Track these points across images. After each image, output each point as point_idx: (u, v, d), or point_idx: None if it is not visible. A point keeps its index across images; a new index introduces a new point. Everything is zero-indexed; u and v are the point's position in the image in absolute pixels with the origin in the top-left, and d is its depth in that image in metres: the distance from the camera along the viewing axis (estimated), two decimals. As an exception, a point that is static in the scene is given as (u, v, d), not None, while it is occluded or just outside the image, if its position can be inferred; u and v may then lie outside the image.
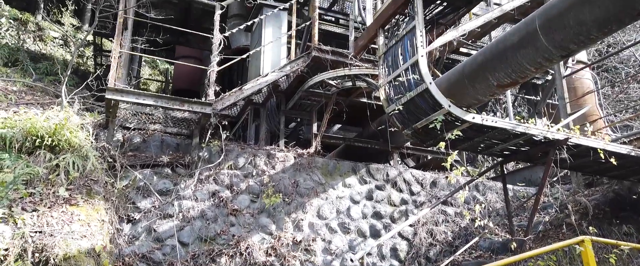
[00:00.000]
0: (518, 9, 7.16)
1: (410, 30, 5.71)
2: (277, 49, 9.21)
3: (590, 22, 4.03)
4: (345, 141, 9.27)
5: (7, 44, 10.08)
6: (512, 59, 4.97)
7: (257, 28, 9.70)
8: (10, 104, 6.77)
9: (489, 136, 5.65)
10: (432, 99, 5.31)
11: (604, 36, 4.17)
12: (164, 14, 9.84)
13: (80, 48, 11.09)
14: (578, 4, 4.12)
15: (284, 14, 9.40)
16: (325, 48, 7.91)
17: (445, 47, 7.90)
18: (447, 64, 9.25)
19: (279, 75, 7.99)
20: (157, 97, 6.84)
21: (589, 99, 6.99)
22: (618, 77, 12.18)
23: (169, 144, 7.49)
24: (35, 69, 9.51)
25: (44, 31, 12.47)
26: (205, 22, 12.07)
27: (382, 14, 6.48)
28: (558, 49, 4.44)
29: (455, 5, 5.90)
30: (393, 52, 6.14)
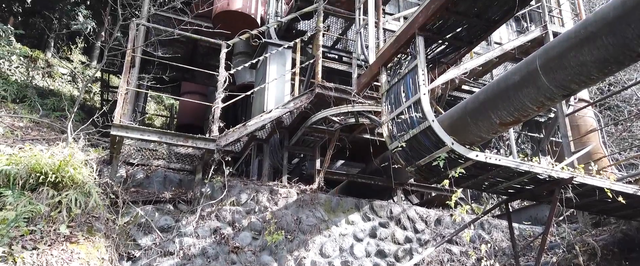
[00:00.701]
0: (518, 48, 7.31)
1: (413, 68, 5.79)
2: (281, 86, 9.33)
3: (590, 63, 4.09)
4: (348, 177, 9.23)
5: (17, 80, 10.28)
6: (514, 97, 5.01)
7: (262, 65, 9.87)
8: (17, 141, 6.83)
9: (493, 174, 5.62)
10: (435, 136, 5.32)
11: (604, 77, 4.21)
12: (171, 51, 10.06)
13: (88, 84, 11.27)
14: (577, 45, 4.19)
15: (288, 51, 9.58)
16: (329, 85, 8.01)
17: (447, 85, 7.99)
18: (449, 101, 9.32)
19: (283, 111, 8.06)
20: (161, 133, 6.89)
21: (593, 137, 6.98)
22: (620, 115, 12.22)
23: (172, 180, 7.48)
24: (42, 105, 9.65)
25: (52, 68, 12.73)
26: (211, 59, 12.31)
27: (385, 53, 6.60)
28: (559, 89, 4.48)
29: (456, 45, 6.00)
30: (395, 89, 6.21)
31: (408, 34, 5.95)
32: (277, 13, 10.53)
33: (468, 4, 5.25)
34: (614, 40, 3.83)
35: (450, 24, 5.73)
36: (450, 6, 5.33)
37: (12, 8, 13.56)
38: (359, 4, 8.13)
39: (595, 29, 3.99)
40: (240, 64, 10.20)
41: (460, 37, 5.90)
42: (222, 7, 10.17)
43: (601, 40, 3.94)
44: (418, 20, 5.75)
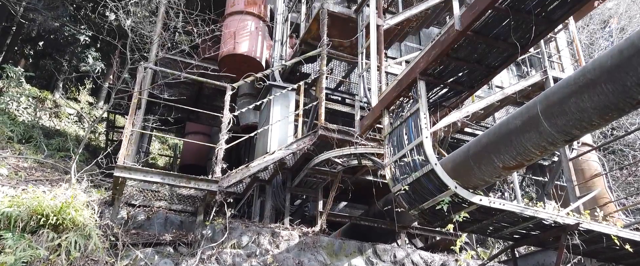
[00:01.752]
0: (519, 92, 7.39)
1: (415, 112, 5.85)
2: (284, 127, 9.40)
3: (590, 109, 4.13)
4: (351, 219, 9.12)
5: (24, 121, 10.42)
6: (516, 142, 5.02)
7: (266, 107, 9.99)
8: (20, 182, 6.84)
9: (497, 219, 5.55)
10: (438, 179, 5.29)
11: (606, 123, 4.24)
12: (177, 93, 10.22)
13: (94, 126, 11.40)
14: (578, 92, 4.24)
15: (292, 93, 9.71)
16: (332, 127, 8.06)
17: (449, 128, 8.02)
18: (452, 143, 9.33)
19: (286, 153, 8.08)
20: (164, 174, 6.89)
21: (598, 181, 6.93)
22: (625, 159, 12.18)
23: (173, 221, 7.40)
24: (47, 145, 9.73)
25: (60, 108, 12.93)
26: (216, 100, 12.48)
27: (387, 96, 6.69)
28: (561, 134, 4.49)
29: (457, 89, 6.09)
30: (398, 132, 6.24)
31: (410, 78, 6.05)
32: (281, 56, 10.76)
33: (468, 51, 5.36)
34: (614, 88, 3.88)
35: (451, 69, 5.83)
36: (450, 52, 5.44)
37: (24, 51, 13.95)
38: (362, 48, 8.31)
39: (595, 76, 4.05)
40: (244, 106, 10.32)
41: (461, 81, 5.99)
42: (229, 50, 10.41)
43: (601, 87, 3.99)
44: (419, 65, 5.86)
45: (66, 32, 13.02)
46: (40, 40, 14.16)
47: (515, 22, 4.81)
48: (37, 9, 11.37)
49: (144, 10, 11.39)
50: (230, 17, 10.97)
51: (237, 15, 10.93)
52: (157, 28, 9.56)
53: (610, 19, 14.82)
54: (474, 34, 5.10)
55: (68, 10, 12.46)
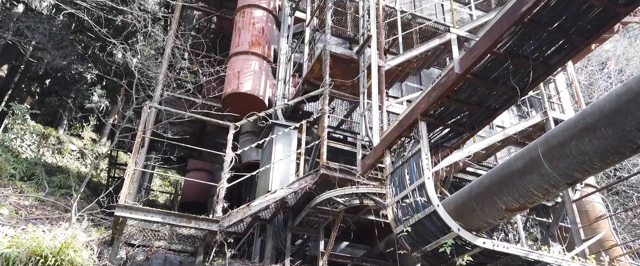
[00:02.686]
0: (520, 133, 7.44)
1: (416, 152, 5.87)
2: (286, 165, 9.40)
3: (591, 152, 4.14)
4: (353, 260, 8.96)
5: (27, 158, 10.47)
6: (518, 184, 5.00)
7: (268, 145, 10.02)
8: (20, 221, 6.81)
9: (502, 262, 5.45)
10: (440, 221, 5.25)
11: (607, 166, 4.25)
12: (180, 130, 10.29)
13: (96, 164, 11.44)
14: (578, 135, 4.27)
15: (294, 132, 9.77)
16: (333, 166, 8.06)
17: (451, 168, 8.02)
18: (454, 183, 9.28)
19: (287, 192, 8.05)
20: (165, 214, 6.85)
21: (603, 224, 6.85)
22: (629, 200, 12.07)
23: (172, 262, 7.29)
24: (49, 182, 9.73)
25: (63, 144, 13.01)
26: (219, 137, 12.55)
27: (388, 136, 6.73)
28: (563, 177, 4.49)
29: (458, 130, 6.13)
30: (400, 172, 6.24)
31: (411, 119, 6.12)
32: (284, 95, 10.90)
33: (468, 93, 5.44)
34: (613, 132, 3.91)
35: (451, 111, 5.90)
36: (450, 94, 5.52)
37: (31, 88, 14.18)
38: (363, 88, 8.43)
39: (594, 120, 4.10)
40: (247, 143, 10.36)
41: (462, 123, 6.05)
42: (233, 89, 10.56)
43: (600, 131, 4.03)
44: (420, 106, 5.94)
45: (73, 70, 13.31)
46: (47, 78, 14.45)
47: (513, 66, 4.91)
48: (46, 48, 11.69)
49: (150, 49, 11.67)
50: (235, 57, 11.20)
51: (241, 56, 11.16)
52: (163, 68, 9.75)
53: (608, 61, 15.08)
54: (474, 77, 5.19)
55: (76, 50, 12.78)
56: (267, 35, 11.76)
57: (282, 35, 11.52)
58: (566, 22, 4.28)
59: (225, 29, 13.73)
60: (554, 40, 4.50)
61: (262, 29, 11.71)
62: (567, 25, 4.30)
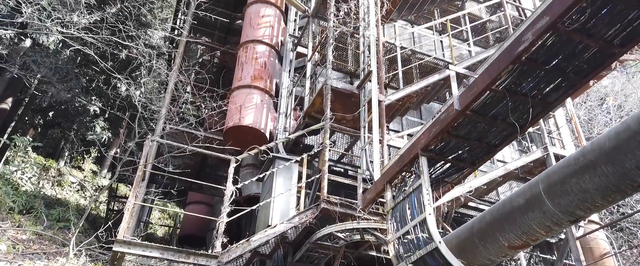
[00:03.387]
0: (522, 168, 7.43)
1: (417, 187, 5.85)
2: (286, 199, 9.35)
3: (592, 190, 4.13)
4: (354, 297, 8.75)
5: (26, 191, 10.44)
6: (520, 220, 4.97)
7: (269, 178, 10.00)
8: (17, 256, 6.72)
9: (506, 301, 5.34)
10: (442, 258, 5.18)
11: (609, 204, 4.23)
12: (181, 163, 10.31)
13: (96, 198, 11.40)
14: (578, 172, 4.28)
15: (295, 165, 9.77)
16: (334, 200, 8.01)
17: (453, 203, 7.98)
18: (456, 217, 9.21)
19: (288, 226, 7.98)
20: (163, 249, 6.77)
21: (608, 261, 6.74)
22: (633, 237, 11.92)
23: (170, 298, 7.15)
24: (48, 215, 9.66)
25: (63, 176, 12.98)
26: (219, 170, 12.54)
27: (389, 171, 6.72)
28: (565, 214, 4.46)
29: (459, 166, 6.13)
30: (401, 207, 6.20)
31: (411, 154, 6.12)
32: (285, 128, 10.97)
33: (468, 129, 5.48)
34: (614, 170, 3.92)
35: (452, 146, 5.92)
36: (450, 130, 5.56)
37: (34, 120, 14.30)
38: (364, 122, 8.49)
39: (594, 157, 4.11)
40: (247, 176, 10.35)
41: (462, 158, 6.05)
42: (235, 122, 10.64)
43: (601, 168, 4.03)
44: (421, 142, 5.96)
45: (77, 103, 13.47)
46: (50, 111, 14.60)
47: (512, 103, 4.96)
48: (51, 81, 11.88)
49: (154, 82, 11.83)
50: (237, 91, 11.34)
51: (243, 89, 11.30)
52: (166, 101, 9.86)
53: (606, 97, 15.23)
54: (473, 114, 5.24)
55: (81, 83, 12.98)
56: (269, 69, 11.94)
57: (284, 70, 11.70)
58: (563, 62, 4.36)
59: (228, 63, 13.97)
60: (552, 79, 4.58)
61: (265, 64, 11.90)
62: (564, 64, 4.38)
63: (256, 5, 12.78)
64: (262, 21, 12.56)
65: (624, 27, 3.85)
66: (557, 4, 3.94)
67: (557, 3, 3.97)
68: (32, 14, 8.19)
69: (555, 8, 3.99)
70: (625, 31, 3.88)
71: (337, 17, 9.86)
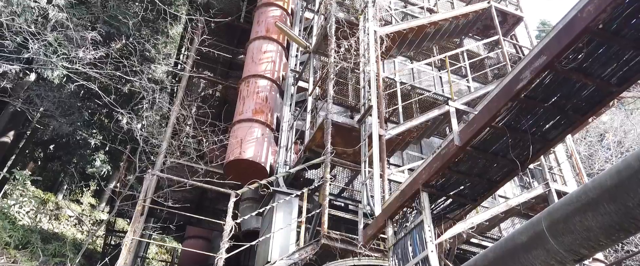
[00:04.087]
0: (523, 204, 7.39)
1: (419, 224, 5.80)
2: (286, 234, 9.24)
3: (596, 228, 4.09)
4: None
5: (23, 225, 10.33)
6: (523, 259, 4.89)
7: (269, 213, 9.91)
8: (10, 294, 6.57)
9: None
10: (446, 298, 5.07)
11: (613, 243, 4.17)
12: (180, 197, 10.24)
13: (94, 230, 11.27)
14: (581, 210, 4.24)
15: (296, 200, 9.70)
16: (335, 236, 7.92)
17: (455, 239, 7.88)
18: (458, 254, 9.07)
19: (287, 263, 7.85)
20: (160, 286, 6.63)
21: (614, 301, 6.59)
22: (641, 276, 11.71)
23: None
24: (44, 250, 9.52)
25: (61, 210, 12.87)
26: (219, 204, 12.45)
27: (390, 206, 6.67)
28: (569, 253, 4.39)
29: (460, 202, 6.10)
30: (402, 243, 6.13)
31: (413, 189, 6.10)
32: (286, 162, 10.95)
33: (469, 165, 5.48)
34: (616, 208, 3.88)
35: (453, 182, 5.90)
36: (451, 166, 5.56)
37: (35, 154, 14.31)
38: (365, 157, 8.49)
39: (596, 195, 4.08)
40: (247, 210, 10.25)
41: (464, 194, 6.02)
42: (235, 156, 10.64)
43: (603, 207, 4.00)
44: (422, 177, 5.95)
45: (78, 136, 13.52)
46: (51, 144, 14.65)
47: (512, 140, 4.98)
48: (53, 115, 11.98)
49: (155, 115, 11.92)
50: (239, 124, 11.41)
51: (245, 123, 11.37)
52: (167, 135, 9.90)
53: (606, 133, 15.31)
54: (474, 150, 5.25)
55: (83, 116, 13.09)
56: (270, 103, 12.06)
57: (285, 104, 11.81)
58: (561, 100, 4.41)
59: (230, 97, 14.11)
60: (551, 116, 4.62)
61: (266, 98, 12.03)
62: (563, 102, 4.43)
63: (258, 41, 13.04)
64: (264, 56, 12.79)
65: (620, 67, 3.92)
66: (554, 44, 4.03)
67: (553, 43, 4.05)
68: (38, 49, 8.37)
69: (551, 48, 4.08)
70: (621, 71, 3.95)
71: (337, 53, 10.04)
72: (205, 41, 12.18)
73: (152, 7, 11.17)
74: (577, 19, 3.79)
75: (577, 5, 3.90)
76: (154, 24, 13.79)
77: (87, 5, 10.97)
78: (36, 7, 8.76)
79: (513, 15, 12.34)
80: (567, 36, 3.87)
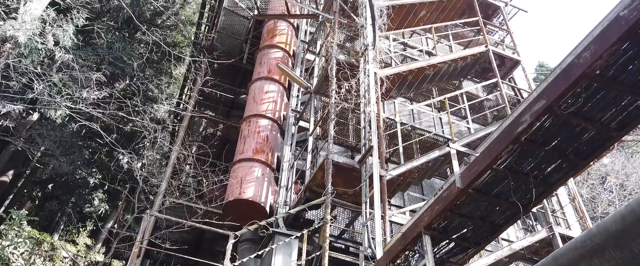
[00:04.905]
0: (528, 248, 7.25)
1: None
2: (286, 277, 9.02)
3: (603, 275, 3.99)
4: None
5: (16, 268, 10.10)
6: (530, 306, 4.76)
7: (268, 255, 9.70)
8: None
9: None
10: None
11: (621, 291, 4.05)
12: (179, 239, 10.08)
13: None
14: (586, 256, 4.15)
15: (296, 241, 9.53)
16: (335, 280, 7.72)
17: (458, 284, 7.67)
18: (463, 299, 8.81)
19: (287, 309, 7.61)
20: None
21: None
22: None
23: None
24: (36, 293, 9.25)
25: (56, 250, 12.63)
26: (217, 245, 12.22)
27: (392, 249, 6.55)
28: (577, 301, 4.27)
29: (463, 245, 6.00)
30: (405, 289, 5.97)
31: (414, 232, 6.01)
32: (286, 202, 10.84)
33: (471, 208, 5.43)
34: (622, 255, 3.80)
35: (455, 225, 5.82)
36: (453, 208, 5.50)
37: (33, 193, 14.20)
38: (365, 198, 8.41)
39: (601, 241, 4.01)
40: (246, 252, 10.04)
41: (466, 237, 5.93)
42: (235, 196, 10.54)
43: (609, 252, 3.92)
44: (423, 219, 5.87)
45: (77, 175, 13.46)
46: (50, 183, 14.57)
47: (514, 183, 4.96)
48: (54, 154, 11.98)
49: (156, 154, 11.91)
50: (239, 164, 11.37)
51: (245, 163, 11.34)
52: (167, 174, 9.86)
53: (608, 176, 15.26)
54: (475, 192, 5.21)
55: (83, 155, 13.08)
56: (271, 143, 12.08)
57: (285, 143, 11.83)
58: (562, 143, 4.42)
59: (231, 136, 14.17)
60: (553, 160, 4.61)
61: (267, 137, 12.06)
62: (564, 146, 4.44)
63: (260, 82, 13.22)
64: (266, 96, 12.93)
65: (619, 112, 3.96)
66: (552, 89, 4.09)
67: (551, 88, 4.11)
68: (43, 90, 8.48)
69: (550, 92, 4.13)
70: (620, 116, 3.98)
71: (338, 93, 10.15)
72: (208, 82, 12.36)
73: (158, 49, 11.41)
74: (575, 64, 3.86)
75: (574, 51, 3.98)
76: (158, 64, 14.06)
77: (93, 47, 11.22)
78: (43, 49, 8.95)
79: (510, 59, 12.59)
80: (565, 81, 3.93)
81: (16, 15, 8.61)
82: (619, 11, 3.28)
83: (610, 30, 3.41)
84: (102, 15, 12.31)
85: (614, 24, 3.37)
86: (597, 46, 3.54)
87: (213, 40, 14.42)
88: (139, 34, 13.15)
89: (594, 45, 3.58)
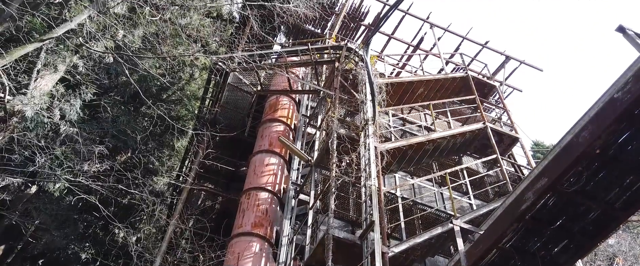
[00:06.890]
0: None
1: None
2: None
3: None
4: None
5: None
6: None
7: None
8: None
9: None
10: None
11: None
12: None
13: None
14: None
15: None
16: None
17: None
18: None
19: None
20: None
21: None
22: None
23: None
24: None
25: None
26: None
27: None
28: None
29: None
30: None
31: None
32: (285, 282, 10.42)
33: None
34: None
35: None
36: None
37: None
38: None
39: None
40: None
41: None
42: (231, 272, 10.17)
43: None
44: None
45: (69, 250, 13.04)
46: (40, 258, 14.06)
47: (521, 262, 4.81)
48: (48, 228, 11.70)
49: (152, 228, 11.64)
50: (237, 238, 11.09)
51: (243, 237, 11.07)
52: (162, 250, 9.57)
53: (615, 257, 14.83)
54: (482, 273, 5.03)
55: (78, 229, 12.78)
56: (270, 216, 11.86)
57: (285, 217, 11.61)
58: (568, 222, 4.35)
59: (230, 209, 13.95)
60: (559, 239, 4.51)
61: (266, 211, 11.87)
62: (569, 225, 4.36)
63: (261, 155, 13.28)
64: (266, 169, 12.92)
65: (623, 191, 3.93)
66: (554, 167, 4.10)
67: (553, 165, 4.12)
68: (44, 162, 8.50)
69: (552, 170, 4.14)
70: (625, 195, 3.95)
71: (339, 167, 10.15)
72: (209, 154, 12.41)
73: (162, 123, 11.59)
74: (575, 143, 3.91)
75: (572, 130, 4.04)
76: (160, 137, 14.21)
77: (98, 121, 11.42)
78: (49, 123, 9.10)
79: (509, 136, 12.77)
80: (566, 160, 3.95)
81: (26, 90, 8.87)
82: (613, 93, 3.38)
83: (606, 111, 3.49)
84: (109, 91, 12.68)
85: (609, 106, 3.46)
86: (594, 126, 3.60)
87: (216, 114, 14.71)
88: (144, 108, 13.45)
89: (592, 125, 3.64)
